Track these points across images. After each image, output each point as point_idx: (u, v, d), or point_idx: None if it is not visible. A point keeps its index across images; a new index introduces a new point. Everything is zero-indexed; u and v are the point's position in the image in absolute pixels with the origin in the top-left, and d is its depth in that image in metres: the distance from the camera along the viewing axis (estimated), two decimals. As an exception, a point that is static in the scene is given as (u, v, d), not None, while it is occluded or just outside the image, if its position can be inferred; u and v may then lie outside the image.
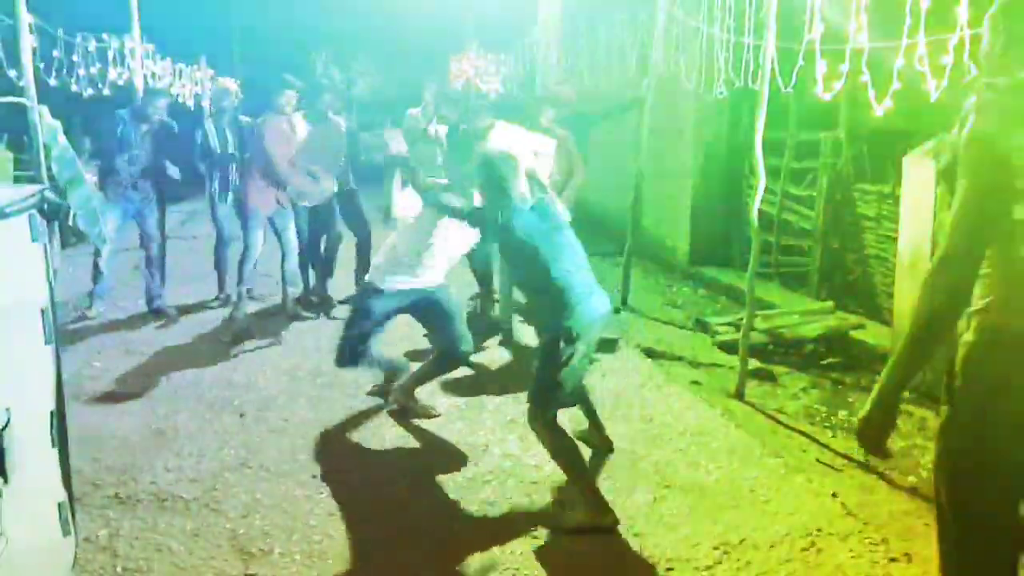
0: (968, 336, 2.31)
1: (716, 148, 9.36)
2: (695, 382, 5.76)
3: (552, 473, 4.23)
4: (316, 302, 7.53)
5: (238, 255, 7.10)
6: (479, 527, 3.73)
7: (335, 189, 7.29)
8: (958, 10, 4.16)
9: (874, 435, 2.37)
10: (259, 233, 7.00)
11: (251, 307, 7.33)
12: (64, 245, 7.49)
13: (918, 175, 5.62)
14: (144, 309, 7.25)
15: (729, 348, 6.43)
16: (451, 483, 4.14)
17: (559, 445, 3.80)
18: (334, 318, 7.11)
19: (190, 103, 12.89)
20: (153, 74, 10.58)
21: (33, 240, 2.62)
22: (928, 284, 2.23)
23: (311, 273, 7.70)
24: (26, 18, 6.77)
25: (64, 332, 6.49)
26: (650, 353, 6.37)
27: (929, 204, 5.49)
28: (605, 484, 4.13)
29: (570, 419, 4.47)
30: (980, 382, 2.28)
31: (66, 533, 2.75)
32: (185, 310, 7.37)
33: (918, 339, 2.27)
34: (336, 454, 4.43)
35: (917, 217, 5.64)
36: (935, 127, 5.65)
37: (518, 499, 3.98)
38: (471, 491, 4.06)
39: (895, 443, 4.83)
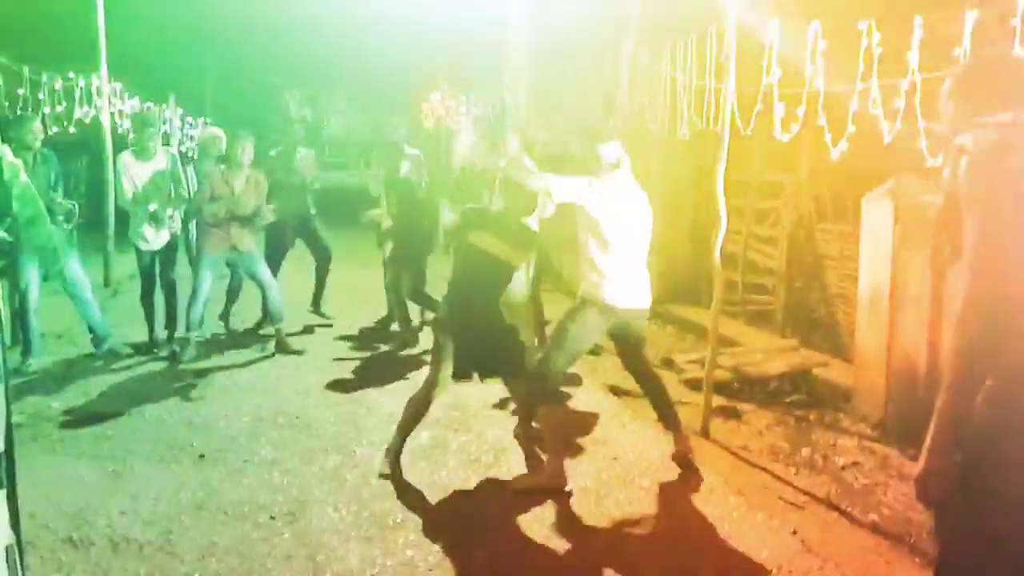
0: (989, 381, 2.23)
1: (682, 188, 9.46)
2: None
3: (514, 517, 4.22)
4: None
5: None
6: (439, 570, 3.69)
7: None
8: (909, 55, 4.29)
9: (935, 487, 2.27)
10: (206, 275, 6.93)
11: (214, 347, 7.29)
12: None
13: (876, 215, 5.72)
14: (104, 350, 7.14)
15: (695, 385, 6.45)
16: (413, 524, 4.10)
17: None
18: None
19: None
20: (121, 112, 10.57)
21: (-16, 279, 2.59)
22: (959, 336, 2.16)
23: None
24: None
25: (22, 372, 6.36)
26: (616, 391, 6.38)
27: (888, 243, 5.59)
28: (569, 522, 4.12)
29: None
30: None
31: (12, 578, 2.68)
32: (144, 350, 7.25)
33: (957, 390, 2.19)
34: (295, 496, 4.37)
35: (876, 256, 5.74)
36: (894, 168, 5.77)
37: (479, 540, 3.94)
38: (434, 533, 4.02)
39: (857, 480, 4.86)
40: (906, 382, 5.46)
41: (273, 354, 7.19)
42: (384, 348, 7.59)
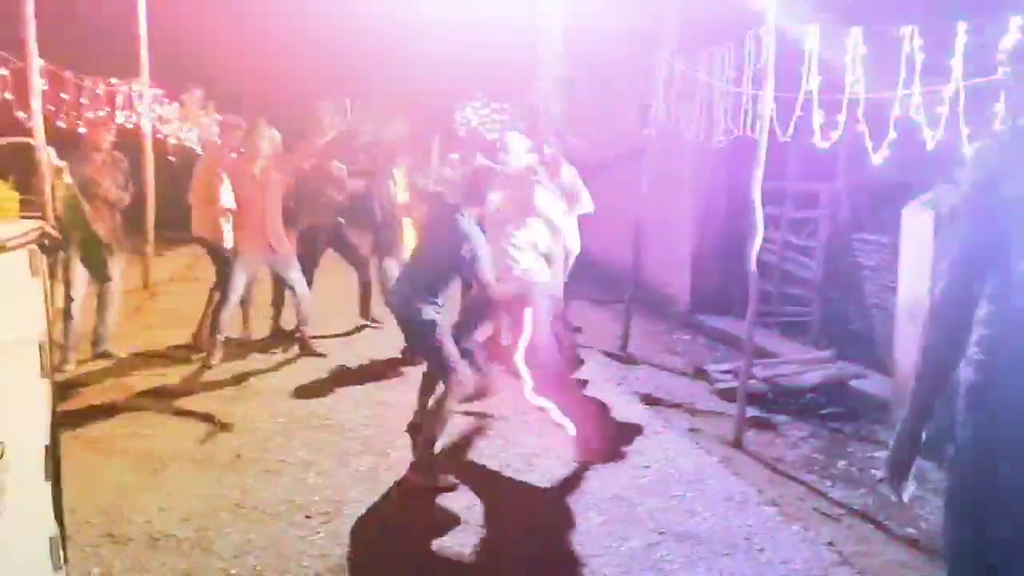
0: (969, 374, 2.40)
1: (716, 197, 9.41)
2: (694, 429, 5.73)
3: (547, 517, 4.21)
4: None
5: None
6: (470, 571, 3.69)
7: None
8: (952, 62, 4.24)
9: (897, 473, 2.52)
10: (239, 279, 6.87)
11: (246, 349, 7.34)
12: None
13: (917, 225, 5.66)
14: (141, 348, 7.23)
15: (728, 396, 6.41)
16: (445, 528, 4.11)
17: None
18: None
19: (198, 148, 13.02)
20: (161, 118, 10.74)
21: (33, 275, 2.64)
22: (928, 325, 2.34)
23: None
24: (37, 61, 6.90)
25: (61, 370, 6.45)
26: (649, 400, 6.35)
27: (928, 254, 5.52)
28: (601, 528, 4.11)
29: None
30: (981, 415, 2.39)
31: (56, 568, 2.73)
32: (183, 351, 7.32)
33: (923, 377, 2.45)
34: (330, 496, 4.40)
35: (916, 267, 5.66)
36: (934, 178, 5.71)
37: (512, 544, 3.94)
38: (464, 536, 4.03)
39: (894, 493, 4.79)
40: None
41: (298, 357, 7.22)
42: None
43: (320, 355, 7.19)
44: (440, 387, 4.86)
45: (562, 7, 9.22)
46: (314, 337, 7.40)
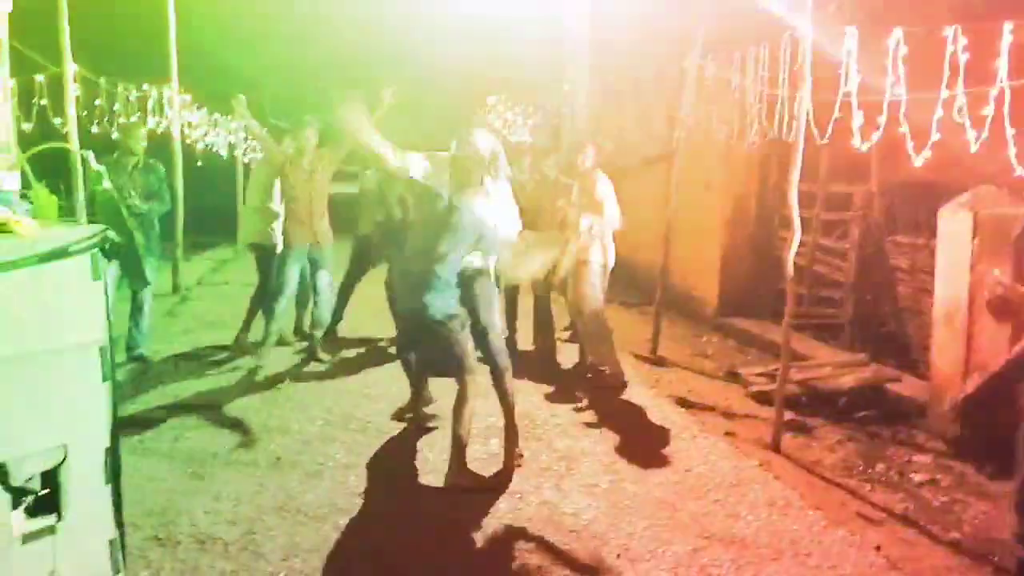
0: None
1: (745, 199, 9.38)
2: (729, 433, 5.70)
3: (590, 522, 4.21)
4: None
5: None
6: (516, 574, 3.70)
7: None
8: (997, 63, 4.20)
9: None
10: (292, 271, 6.88)
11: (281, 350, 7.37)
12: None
13: (954, 226, 5.61)
14: (176, 352, 7.29)
15: (762, 399, 6.38)
16: (488, 530, 4.11)
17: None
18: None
19: (223, 152, 13.13)
20: (190, 123, 10.82)
21: (94, 279, 2.67)
22: None
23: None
24: (71, 68, 6.98)
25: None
26: (683, 403, 6.33)
27: (966, 255, 5.47)
28: (645, 533, 4.10)
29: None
30: None
31: (116, 571, 2.75)
32: (217, 354, 7.37)
33: None
34: (373, 499, 4.42)
35: (953, 268, 5.62)
36: (968, 179, 5.66)
37: (556, 547, 3.94)
38: (508, 539, 4.03)
39: (936, 498, 4.76)
40: (984, 397, 5.33)
41: (311, 360, 7.15)
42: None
43: (321, 360, 7.12)
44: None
45: (590, 7, 9.21)
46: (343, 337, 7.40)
